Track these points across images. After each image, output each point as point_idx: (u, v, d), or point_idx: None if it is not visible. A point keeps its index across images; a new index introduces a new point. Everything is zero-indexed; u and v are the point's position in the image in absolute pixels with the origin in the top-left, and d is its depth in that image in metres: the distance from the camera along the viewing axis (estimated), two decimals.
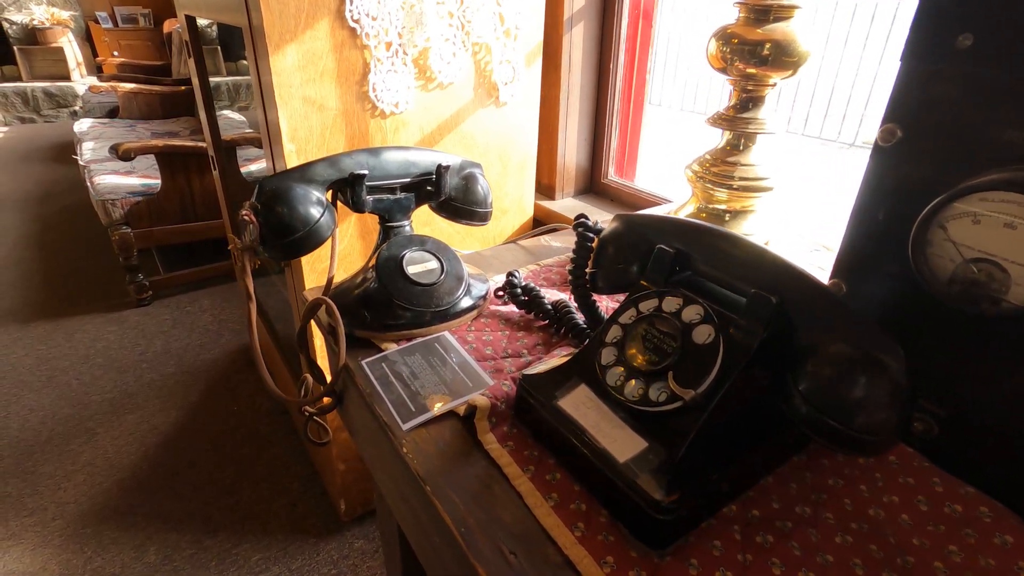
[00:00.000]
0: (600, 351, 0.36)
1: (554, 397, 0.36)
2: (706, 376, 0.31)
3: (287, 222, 0.44)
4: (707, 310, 0.33)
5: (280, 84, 0.79)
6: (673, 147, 3.63)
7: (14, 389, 1.65)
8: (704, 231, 0.36)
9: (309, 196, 0.45)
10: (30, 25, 4.84)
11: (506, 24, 0.96)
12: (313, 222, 0.45)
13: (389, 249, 0.49)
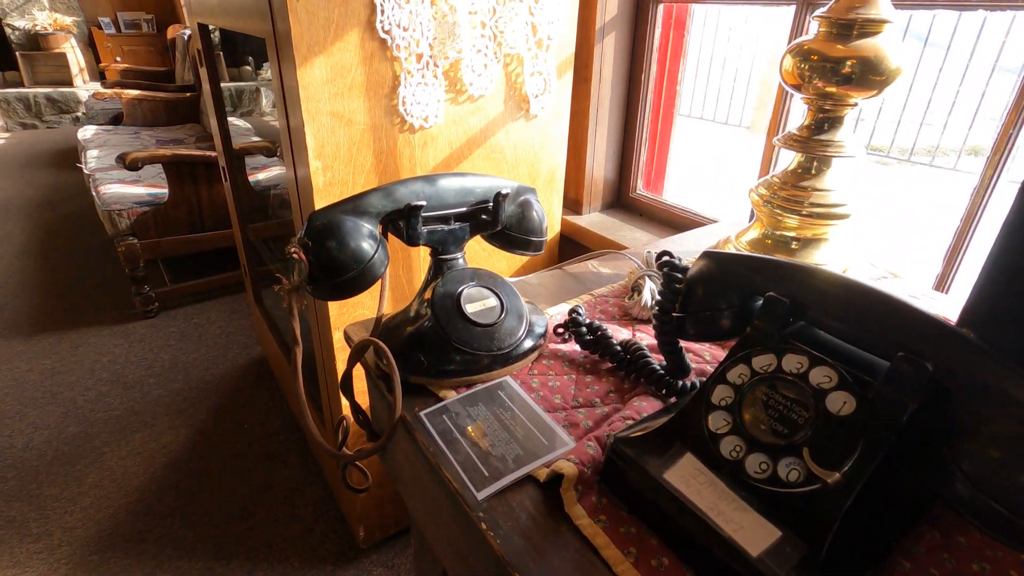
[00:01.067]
0: (707, 415, 0.32)
1: (656, 467, 0.31)
2: (849, 454, 0.27)
3: (340, 259, 0.40)
4: (842, 374, 0.29)
5: (307, 98, 0.75)
6: (700, 158, 3.53)
7: (18, 406, 1.60)
8: (826, 279, 0.32)
9: (362, 230, 0.41)
10: (33, 30, 4.81)
11: (539, 34, 0.92)
12: (367, 259, 0.40)
13: (444, 285, 0.45)
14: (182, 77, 4.06)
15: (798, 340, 0.32)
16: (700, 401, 0.33)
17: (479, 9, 0.84)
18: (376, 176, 0.86)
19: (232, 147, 1.47)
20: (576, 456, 0.35)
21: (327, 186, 0.82)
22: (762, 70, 4.03)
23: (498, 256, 1.07)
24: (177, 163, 1.91)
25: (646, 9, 1.02)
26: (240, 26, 0.92)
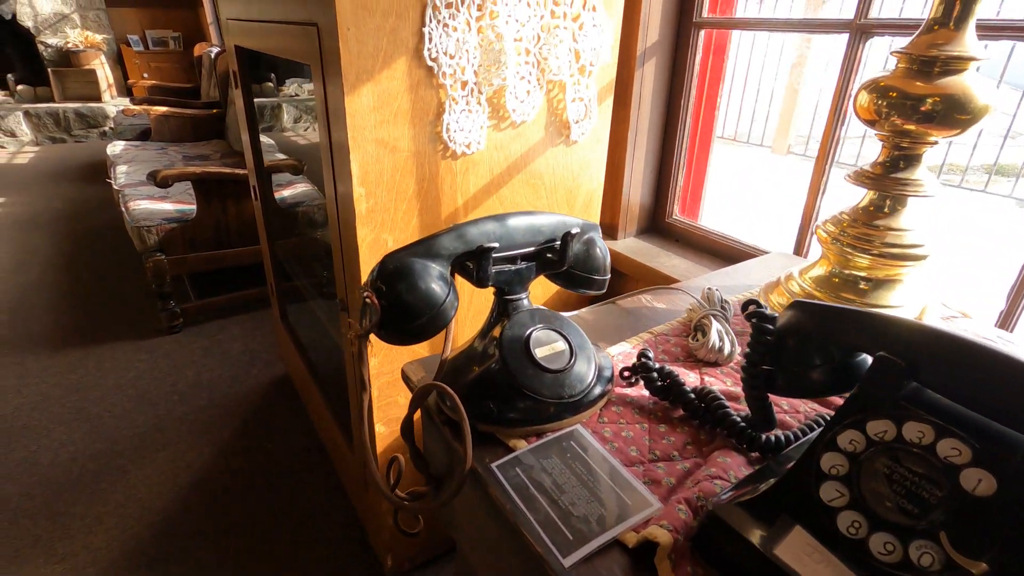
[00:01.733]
0: (818, 485, 0.30)
1: (763, 541, 0.29)
2: (993, 540, 0.25)
3: (414, 304, 0.38)
4: (974, 448, 0.27)
5: (354, 125, 0.75)
6: (723, 177, 3.51)
7: (44, 421, 1.61)
8: (946, 340, 0.30)
9: (434, 273, 0.39)
10: (64, 48, 4.94)
11: (581, 61, 0.91)
12: (440, 303, 0.39)
13: (512, 328, 0.43)
14: (208, 94, 4.13)
15: (915, 405, 0.30)
16: (807, 468, 0.30)
17: (524, 36, 0.84)
18: (418, 202, 0.85)
19: (264, 166, 1.48)
20: (667, 520, 0.33)
21: (369, 212, 0.81)
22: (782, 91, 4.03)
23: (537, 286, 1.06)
24: (206, 180, 1.93)
25: (687, 35, 1.01)
26: (284, 51, 0.93)
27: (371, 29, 0.71)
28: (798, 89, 3.80)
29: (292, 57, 0.90)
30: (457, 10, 0.76)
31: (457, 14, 0.76)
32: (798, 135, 4.19)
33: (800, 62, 3.79)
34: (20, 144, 4.69)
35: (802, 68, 3.81)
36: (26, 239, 2.85)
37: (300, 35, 0.81)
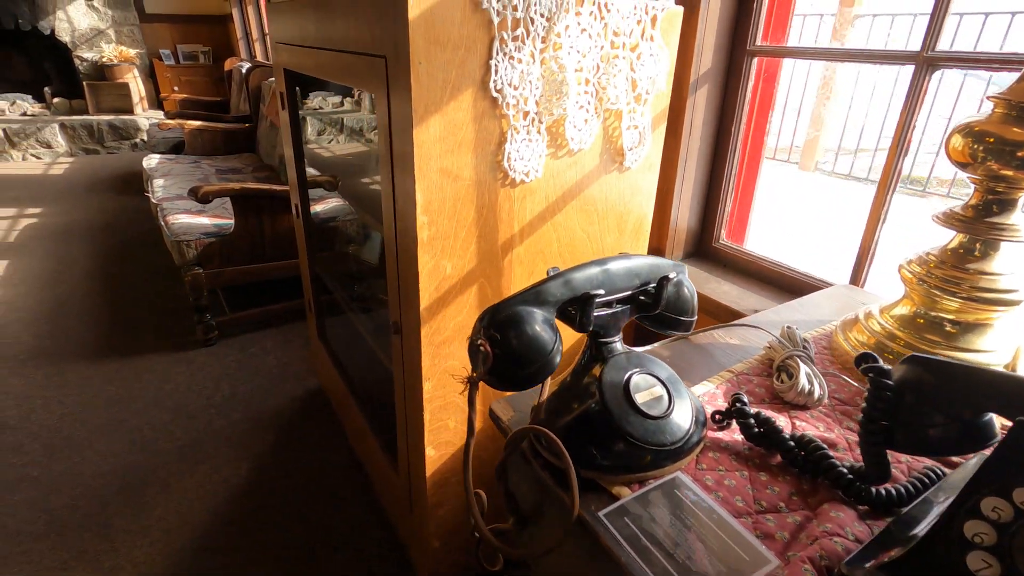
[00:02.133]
0: (964, 553, 0.29)
1: None
2: None
3: (525, 352, 0.39)
4: None
5: (420, 156, 0.76)
6: (765, 198, 3.47)
7: (86, 433, 1.63)
8: None
9: (543, 321, 0.40)
10: (100, 62, 5.08)
11: (638, 89, 0.92)
12: (550, 350, 0.39)
13: (610, 372, 0.43)
14: (237, 107, 4.22)
15: None
16: (948, 535, 0.30)
17: (584, 67, 0.85)
18: (476, 229, 0.86)
19: (308, 186, 1.50)
20: None
21: (431, 240, 0.82)
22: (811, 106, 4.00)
23: None
24: (244, 196, 1.96)
25: (740, 62, 1.01)
26: (344, 79, 0.95)
27: (441, 63, 0.73)
28: (827, 104, 3.77)
29: (353, 84, 0.92)
30: (523, 43, 0.77)
31: (523, 46, 0.78)
32: (826, 149, 4.14)
33: (830, 77, 3.77)
34: (55, 155, 4.82)
35: (831, 85, 3.79)
36: (63, 250, 2.92)
37: (365, 66, 0.83)
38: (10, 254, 2.85)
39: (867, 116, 3.83)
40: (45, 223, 3.30)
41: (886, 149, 0.85)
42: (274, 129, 3.09)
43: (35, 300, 2.38)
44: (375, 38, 0.78)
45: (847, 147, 4.07)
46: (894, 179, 0.84)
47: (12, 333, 2.13)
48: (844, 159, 4.15)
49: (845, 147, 4.07)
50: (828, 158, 4.19)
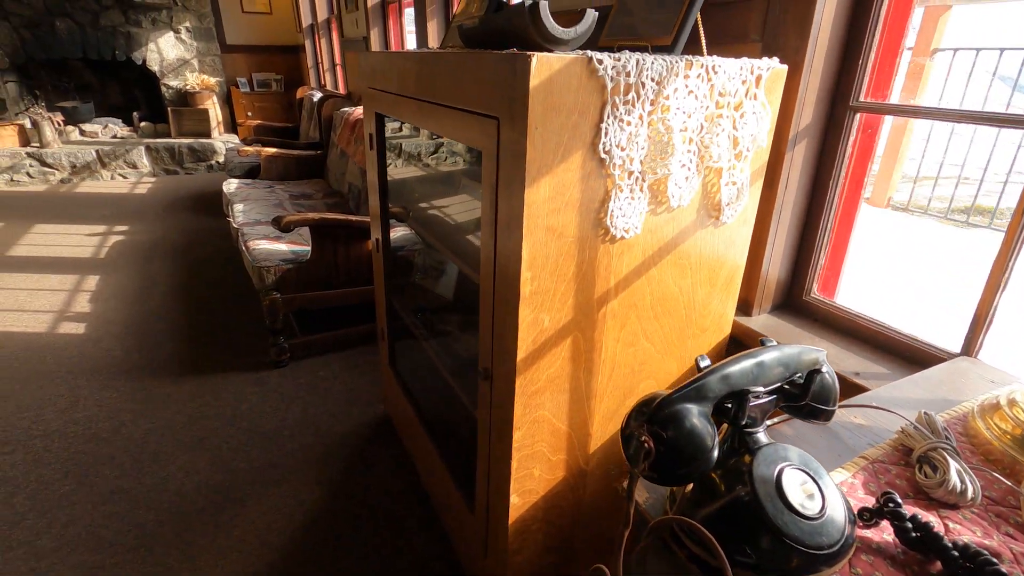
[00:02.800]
0: None
1: None
2: None
3: (688, 450, 0.39)
4: None
5: (529, 215, 0.78)
6: (865, 248, 3.29)
7: (170, 448, 1.72)
8: None
9: (703, 417, 0.40)
10: (183, 89, 5.46)
11: (739, 147, 0.91)
12: (710, 447, 0.39)
13: (760, 466, 0.43)
14: (307, 134, 4.43)
15: None
16: None
17: (689, 127, 0.85)
18: (575, 284, 0.87)
19: (389, 219, 1.56)
20: None
21: (532, 295, 0.83)
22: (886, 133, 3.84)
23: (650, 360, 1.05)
24: (323, 226, 2.05)
25: (841, 118, 1.00)
26: (445, 132, 0.99)
27: (555, 127, 0.75)
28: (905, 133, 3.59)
29: (457, 139, 0.95)
30: (632, 106, 0.79)
31: (632, 109, 0.79)
32: (903, 176, 3.86)
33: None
34: (140, 175, 5.18)
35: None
36: (148, 267, 3.12)
37: (475, 124, 0.86)
38: (101, 270, 3.07)
39: (950, 140, 3.59)
40: (131, 240, 3.54)
41: (974, 180, 0.80)
42: (344, 157, 3.23)
43: (124, 315, 2.55)
44: (488, 99, 0.81)
45: (926, 174, 3.82)
46: (1019, 243, 0.80)
47: (104, 347, 2.28)
48: (921, 189, 3.89)
49: (924, 174, 3.84)
50: (903, 188, 3.93)
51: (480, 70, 0.82)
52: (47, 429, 1.79)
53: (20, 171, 4.76)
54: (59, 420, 1.83)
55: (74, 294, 2.77)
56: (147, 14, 5.17)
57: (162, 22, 5.27)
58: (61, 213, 4.07)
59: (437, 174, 2.16)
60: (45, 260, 3.19)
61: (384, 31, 3.36)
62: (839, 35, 0.96)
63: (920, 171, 3.85)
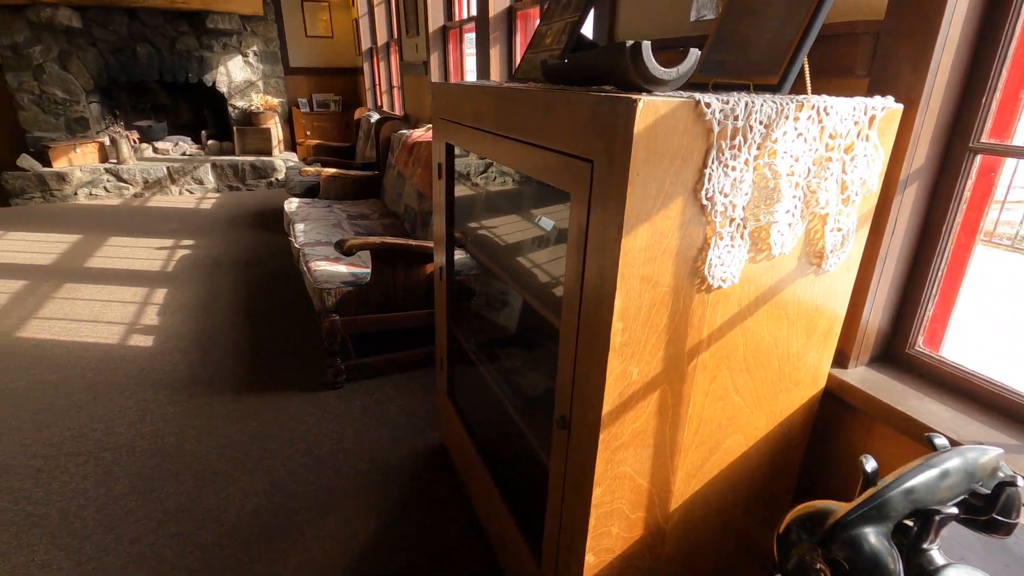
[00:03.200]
0: None
1: None
2: None
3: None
4: None
5: (625, 263, 0.73)
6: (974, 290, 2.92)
7: (230, 468, 1.74)
8: None
9: (884, 542, 0.34)
10: (248, 109, 5.71)
11: (847, 192, 0.85)
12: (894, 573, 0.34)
13: None
14: (363, 154, 4.54)
15: None
16: None
17: (796, 171, 0.80)
18: (666, 335, 0.82)
19: (454, 246, 1.55)
20: None
21: (622, 346, 0.79)
22: None
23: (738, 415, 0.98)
24: (383, 249, 2.06)
25: (960, 159, 0.91)
26: (526, 169, 0.96)
27: (657, 173, 0.71)
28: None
29: (541, 178, 0.92)
30: (739, 151, 0.74)
31: (738, 154, 0.74)
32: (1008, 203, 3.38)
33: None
34: (205, 190, 5.43)
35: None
36: (212, 281, 3.23)
37: (563, 165, 0.83)
38: (169, 283, 3.20)
39: None
40: (196, 254, 3.68)
41: None
42: (400, 178, 3.27)
43: (190, 329, 2.63)
44: (582, 141, 0.78)
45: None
46: None
47: (171, 361, 2.36)
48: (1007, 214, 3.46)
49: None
50: (1009, 217, 3.49)
51: (574, 110, 0.79)
52: (117, 442, 1.85)
53: (99, 185, 5.07)
54: (127, 433, 1.89)
55: (143, 307, 2.89)
56: (219, 39, 5.46)
57: (232, 47, 5.55)
58: (133, 226, 4.29)
59: (489, 195, 2.14)
60: (118, 272, 3.35)
61: (444, 56, 3.42)
62: (960, 71, 0.88)
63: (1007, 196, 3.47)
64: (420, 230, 2.82)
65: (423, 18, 3.41)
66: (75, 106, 5.23)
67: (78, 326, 2.66)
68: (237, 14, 5.29)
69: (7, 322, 2.68)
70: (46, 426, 1.92)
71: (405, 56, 4.02)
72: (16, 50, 4.93)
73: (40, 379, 2.21)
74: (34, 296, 2.99)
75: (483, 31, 2.55)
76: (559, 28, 1.26)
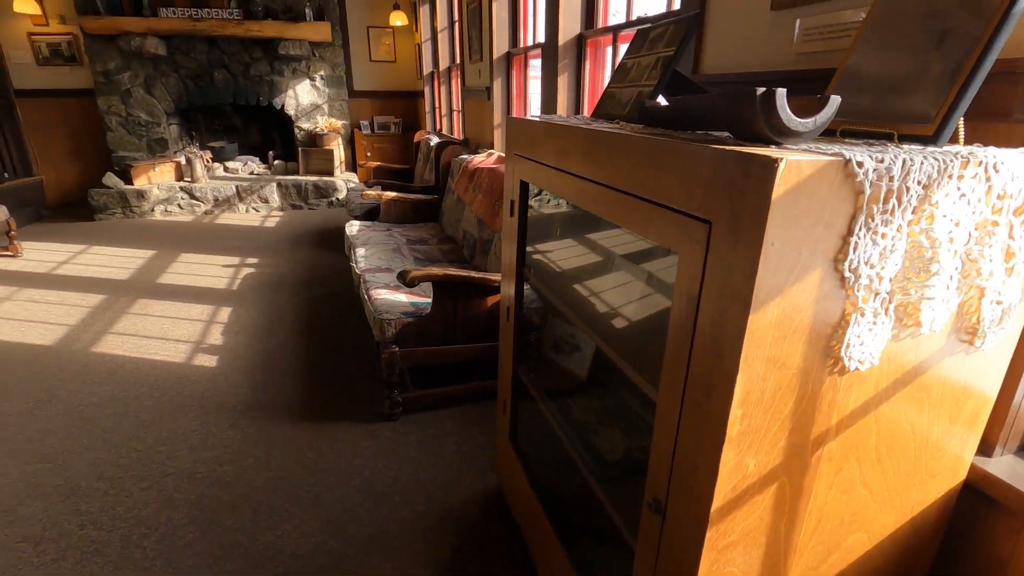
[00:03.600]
0: None
1: None
2: None
3: None
4: None
5: (750, 344, 0.63)
6: None
7: (287, 503, 1.71)
8: None
9: None
10: (313, 131, 5.90)
11: (1013, 260, 0.71)
12: None
13: None
14: (421, 177, 4.57)
15: None
16: None
17: (955, 237, 0.67)
18: (789, 422, 0.70)
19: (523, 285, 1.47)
20: None
21: (740, 436, 0.68)
22: None
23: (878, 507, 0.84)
24: (445, 281, 2.02)
25: None
26: (625, 223, 0.87)
27: (795, 242, 0.61)
28: None
29: (637, 231, 0.83)
30: (891, 215, 0.63)
31: (891, 220, 0.63)
32: None
33: None
34: (270, 208, 5.62)
35: None
36: (275, 300, 3.29)
37: (671, 223, 0.74)
38: (234, 302, 3.28)
39: None
40: (260, 273, 3.78)
41: None
42: (460, 204, 3.25)
43: (252, 351, 2.67)
44: (697, 198, 0.69)
45: None
46: None
47: (233, 383, 2.38)
48: None
49: None
50: None
51: (688, 163, 0.70)
52: (179, 467, 1.86)
53: (173, 202, 5.34)
54: (189, 458, 1.90)
55: (209, 325, 2.96)
56: (289, 64, 5.69)
57: (301, 71, 5.77)
58: (202, 243, 4.47)
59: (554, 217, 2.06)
60: (187, 290, 3.47)
61: (507, 81, 3.40)
62: None
63: None
64: (479, 258, 2.77)
65: (487, 44, 3.41)
66: (156, 128, 5.55)
67: (148, 343, 2.74)
68: (307, 40, 5.51)
69: (85, 336, 2.80)
70: (114, 446, 1.96)
71: (467, 81, 4.04)
72: (108, 76, 5.29)
73: (112, 396, 2.27)
74: (111, 311, 3.12)
75: (551, 59, 2.50)
76: (648, 63, 1.18)
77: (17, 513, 1.65)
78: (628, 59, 1.29)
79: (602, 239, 1.43)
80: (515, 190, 1.40)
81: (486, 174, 2.91)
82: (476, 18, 3.60)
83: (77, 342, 2.74)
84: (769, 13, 1.27)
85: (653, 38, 1.20)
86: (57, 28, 5.24)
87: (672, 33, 1.12)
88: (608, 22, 2.37)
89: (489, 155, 3.27)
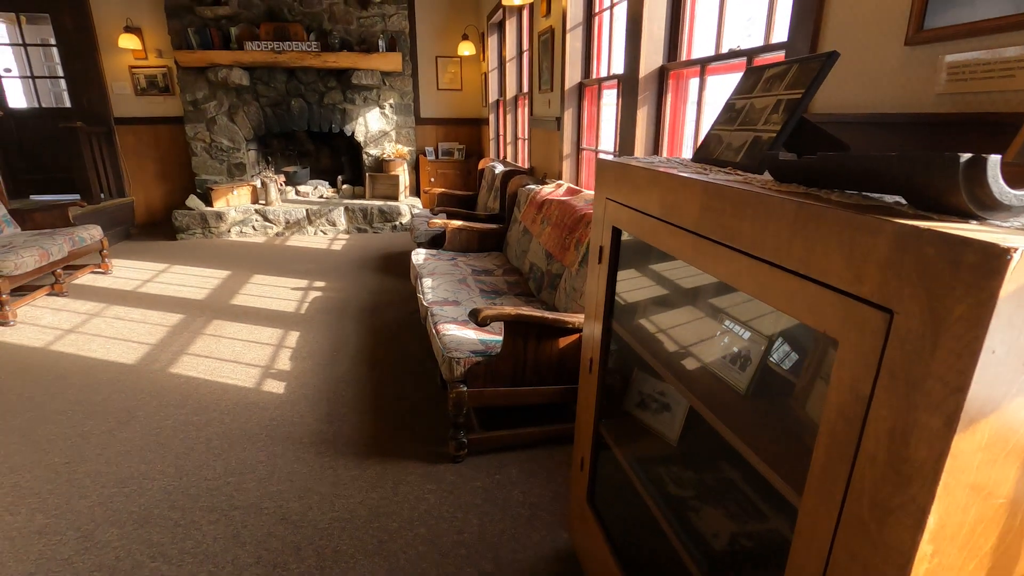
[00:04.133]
0: None
1: None
2: None
3: None
4: None
5: (952, 469, 0.51)
6: None
7: (351, 548, 1.65)
8: None
9: None
10: (381, 157, 6.06)
11: None
12: None
13: None
14: (485, 205, 4.56)
15: None
16: None
17: None
18: (990, 560, 0.57)
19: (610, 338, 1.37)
20: None
21: (927, 574, 0.55)
22: None
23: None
24: (517, 322, 1.94)
25: None
26: (768, 301, 0.76)
27: (1017, 345, 0.48)
28: None
29: (773, 305, 0.72)
30: None
31: None
32: None
33: None
34: (337, 231, 5.78)
35: None
36: (340, 327, 3.32)
37: (830, 304, 0.62)
38: (301, 326, 3.33)
39: None
40: (328, 297, 3.85)
41: None
42: (527, 235, 3.19)
43: (319, 378, 2.68)
44: (871, 280, 0.57)
45: None
46: None
47: (299, 412, 2.38)
48: None
49: None
50: None
51: (856, 236, 0.59)
52: (246, 500, 1.84)
53: (248, 224, 5.58)
54: (257, 491, 1.89)
55: (278, 349, 3.01)
56: (361, 93, 5.90)
57: (371, 100, 5.96)
58: (274, 264, 4.62)
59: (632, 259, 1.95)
60: (259, 312, 3.56)
61: (578, 112, 3.34)
62: None
63: None
64: (547, 292, 2.69)
65: (559, 75, 3.38)
66: (236, 152, 5.85)
67: (220, 366, 2.81)
68: (379, 71, 5.69)
69: (163, 357, 2.91)
70: (186, 473, 1.98)
71: (536, 110, 4.02)
72: (196, 105, 5.64)
73: (185, 420, 2.32)
74: (188, 330, 3.24)
75: (631, 92, 2.42)
76: (765, 105, 1.07)
77: (94, 539, 1.67)
78: (738, 99, 1.18)
79: (703, 289, 1.31)
80: (606, 237, 1.31)
81: (556, 206, 2.85)
82: (548, 48, 3.58)
83: (156, 362, 2.84)
84: (902, 48, 1.13)
85: (771, 77, 1.09)
86: (154, 61, 5.66)
87: (797, 73, 1.01)
88: (692, 54, 2.27)
89: (558, 186, 3.21)
